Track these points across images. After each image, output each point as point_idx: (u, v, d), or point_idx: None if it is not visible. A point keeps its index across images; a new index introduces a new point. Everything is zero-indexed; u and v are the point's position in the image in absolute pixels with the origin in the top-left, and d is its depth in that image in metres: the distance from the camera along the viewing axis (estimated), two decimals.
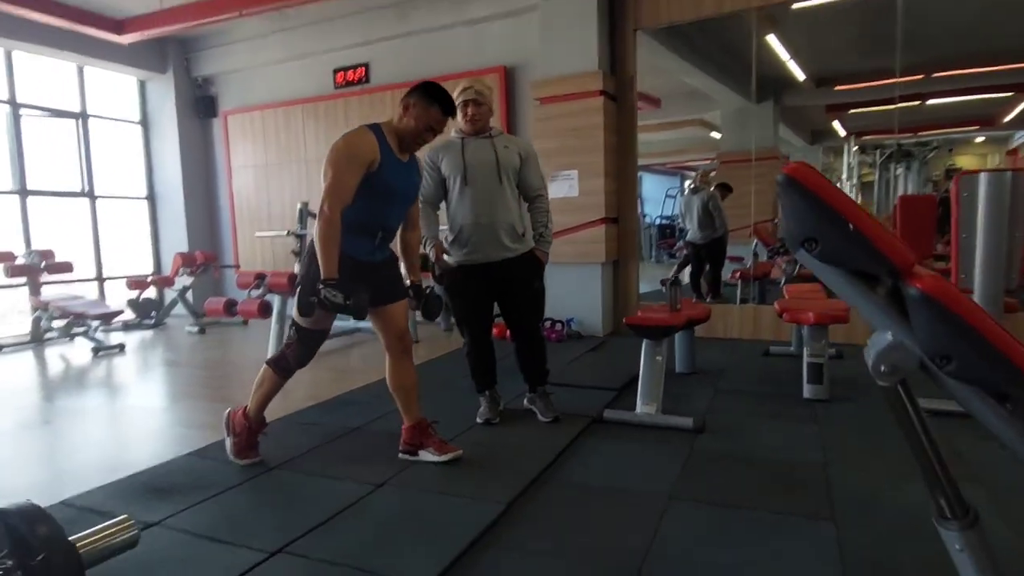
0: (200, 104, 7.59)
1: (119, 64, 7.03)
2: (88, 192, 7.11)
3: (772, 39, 5.92)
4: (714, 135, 7.78)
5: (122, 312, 6.01)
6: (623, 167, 5.44)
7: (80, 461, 2.90)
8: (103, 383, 4.47)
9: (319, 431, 3.05)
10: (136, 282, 6.77)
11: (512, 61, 5.77)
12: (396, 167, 2.42)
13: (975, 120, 6.97)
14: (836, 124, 7.29)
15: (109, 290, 7.20)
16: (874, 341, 1.01)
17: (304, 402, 3.53)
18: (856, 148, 6.94)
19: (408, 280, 2.69)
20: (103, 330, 6.15)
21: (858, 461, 2.52)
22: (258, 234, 6.47)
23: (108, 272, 7.26)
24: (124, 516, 1.50)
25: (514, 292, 2.98)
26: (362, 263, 2.42)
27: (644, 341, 3.05)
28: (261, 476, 2.51)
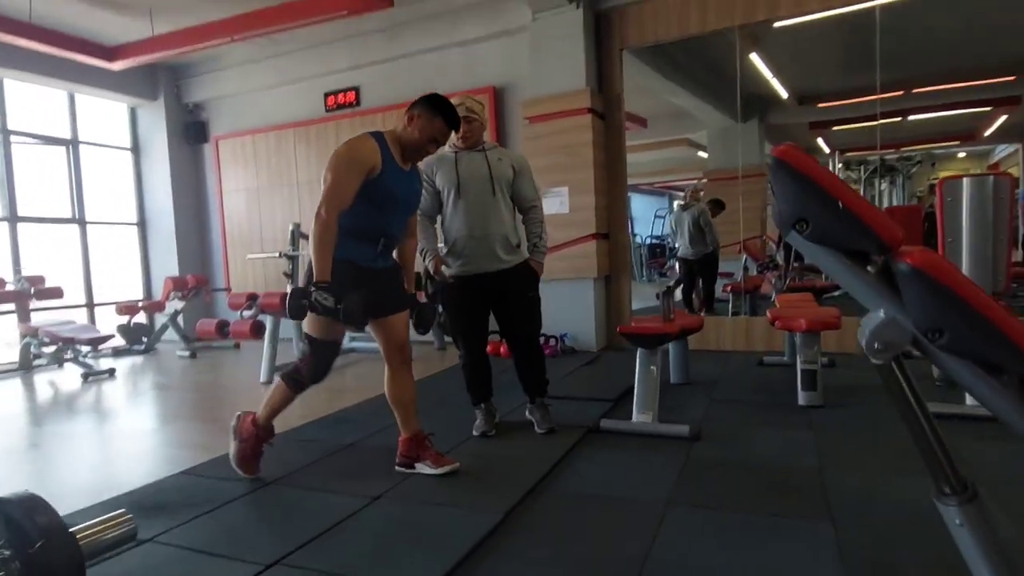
0: (191, 130, 7.63)
1: (110, 91, 7.07)
2: (78, 218, 7.09)
3: (755, 58, 6.05)
4: (701, 154, 7.89)
5: (112, 336, 5.95)
6: (613, 183, 5.50)
7: (68, 483, 2.85)
8: (93, 407, 4.41)
9: (315, 447, 3.02)
10: (126, 307, 6.72)
11: (502, 81, 5.86)
12: (397, 175, 2.42)
13: (956, 135, 7.11)
14: (820, 141, 7.42)
15: (99, 316, 7.15)
16: (867, 320, 1.02)
17: (299, 420, 3.49)
18: (841, 164, 7.05)
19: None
20: (93, 356, 6.08)
21: (854, 464, 2.52)
22: (250, 256, 6.47)
23: (98, 298, 7.21)
24: (123, 510, 1.47)
25: (509, 303, 2.99)
26: (364, 269, 2.41)
27: (638, 351, 3.05)
28: (256, 491, 2.48)
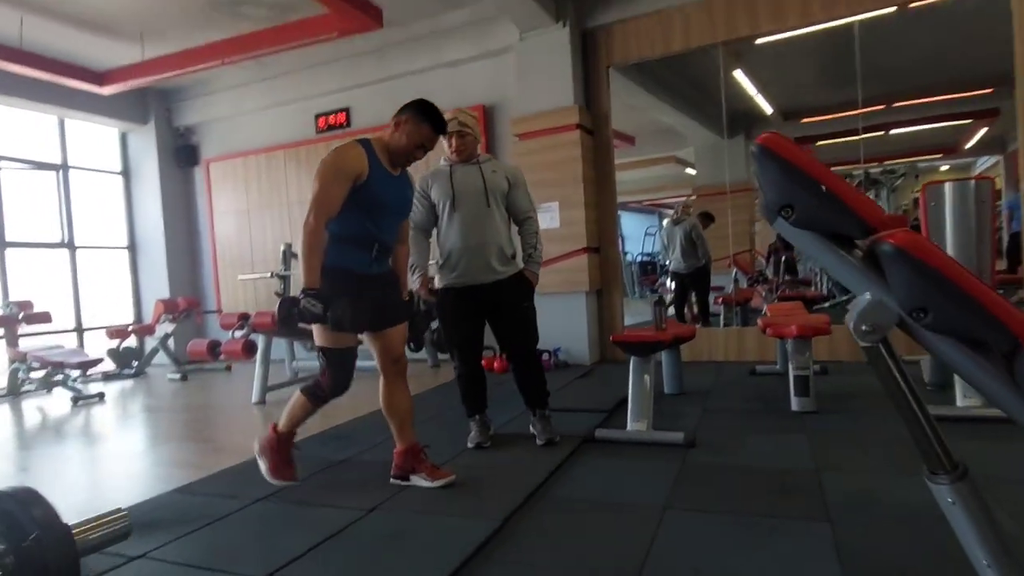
0: (182, 153, 7.66)
1: (100, 116, 7.10)
2: (68, 243, 7.07)
3: (739, 75, 6.17)
4: (689, 171, 7.98)
5: (102, 360, 5.89)
6: (602, 198, 5.56)
7: (58, 505, 2.78)
8: (82, 431, 4.36)
9: (308, 463, 2.98)
10: (116, 331, 6.67)
11: (491, 100, 5.93)
12: (386, 180, 2.42)
13: (939, 148, 7.24)
14: None
15: (89, 341, 7.09)
16: (854, 304, 1.04)
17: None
18: None
19: None
20: (82, 381, 6.02)
21: (849, 465, 2.53)
22: (241, 277, 6.46)
23: (88, 323, 7.16)
24: (118, 507, 1.46)
25: (504, 314, 2.99)
26: (359, 275, 2.41)
27: (632, 360, 3.06)
28: (249, 507, 2.45)
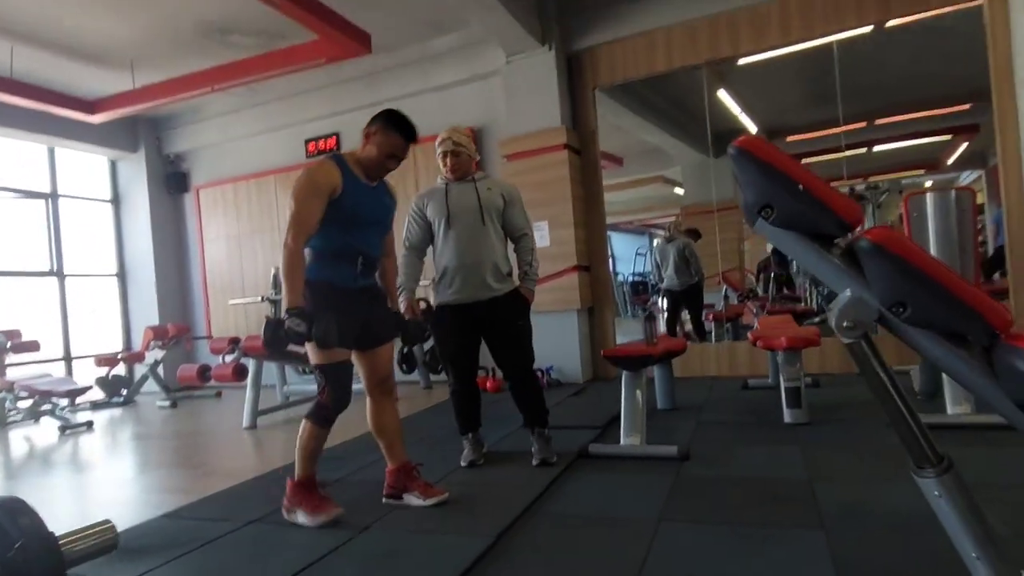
0: (172, 180, 7.67)
1: (90, 144, 7.12)
2: (57, 271, 7.03)
3: (723, 94, 6.28)
4: (677, 191, 8.07)
5: (90, 388, 5.83)
6: (591, 216, 5.61)
7: None
8: (70, 459, 4.29)
9: None
10: (105, 359, 6.61)
11: (479, 122, 6.00)
12: (362, 193, 2.41)
13: (921, 164, 7.35)
14: None
15: (77, 369, 7.01)
16: (835, 302, 1.06)
17: (281, 460, 3.43)
18: None
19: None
20: (70, 410, 5.94)
21: (842, 474, 2.53)
22: (231, 302, 6.44)
23: (77, 351, 7.09)
24: (105, 519, 1.43)
25: (499, 331, 2.98)
26: (345, 289, 2.40)
27: (623, 374, 3.07)
28: (241, 529, 2.42)
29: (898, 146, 6.86)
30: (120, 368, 6.78)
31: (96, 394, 6.44)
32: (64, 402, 5.54)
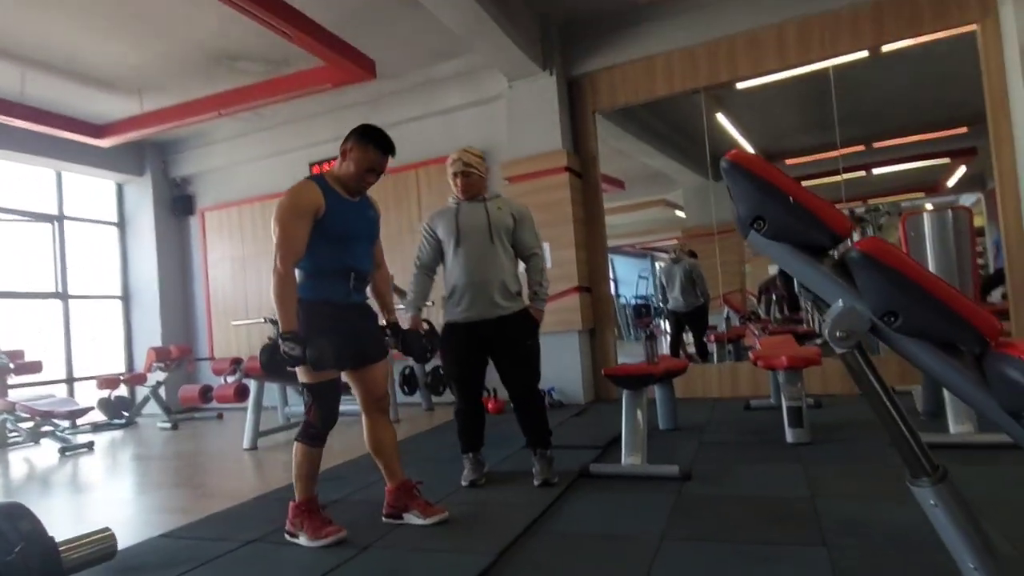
0: (177, 203, 7.76)
1: (98, 168, 7.21)
2: (61, 293, 7.08)
3: (722, 118, 6.37)
4: (679, 214, 8.12)
5: (92, 409, 5.83)
6: (592, 238, 5.65)
7: None
8: (70, 480, 4.28)
9: None
10: (107, 381, 6.61)
11: (482, 145, 6.01)
12: (346, 209, 2.42)
13: (920, 187, 7.40)
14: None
15: (80, 391, 7.01)
16: (828, 312, 1.08)
17: (282, 480, 3.42)
18: None
19: (384, 320, 2.68)
20: (71, 431, 5.94)
21: (845, 493, 2.52)
22: (234, 323, 6.46)
23: (80, 372, 7.10)
24: (105, 527, 1.44)
25: (507, 350, 2.97)
26: (339, 305, 2.41)
27: (624, 393, 3.07)
28: (239, 549, 2.41)
29: (897, 169, 6.92)
30: (122, 390, 6.77)
31: (97, 416, 6.43)
32: (65, 423, 5.53)
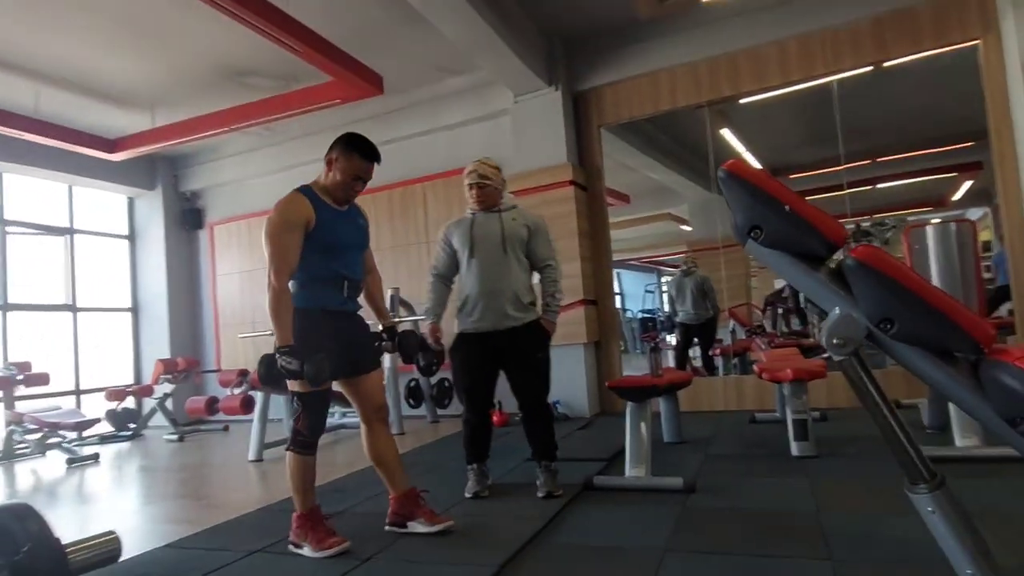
0: (187, 217, 7.85)
1: (109, 182, 7.31)
2: (71, 305, 7.14)
3: (727, 133, 6.40)
4: (685, 228, 8.14)
5: (99, 420, 5.86)
6: (597, 251, 5.67)
7: None
8: (76, 491, 4.30)
9: None
10: (115, 393, 6.65)
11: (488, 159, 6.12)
12: (336, 219, 2.44)
13: (926, 202, 7.39)
14: None
15: (87, 403, 7.05)
16: (826, 320, 1.09)
17: (287, 492, 3.39)
18: None
19: (380, 325, 2.69)
20: (78, 443, 5.96)
21: (850, 506, 2.51)
22: (241, 335, 6.50)
23: (89, 384, 7.14)
24: (110, 530, 1.45)
25: (517, 362, 2.98)
26: (334, 312, 2.44)
27: (628, 405, 3.07)
28: (242, 559, 2.42)
29: (903, 183, 6.92)
30: (129, 402, 6.81)
31: (104, 427, 6.46)
32: (72, 435, 5.56)
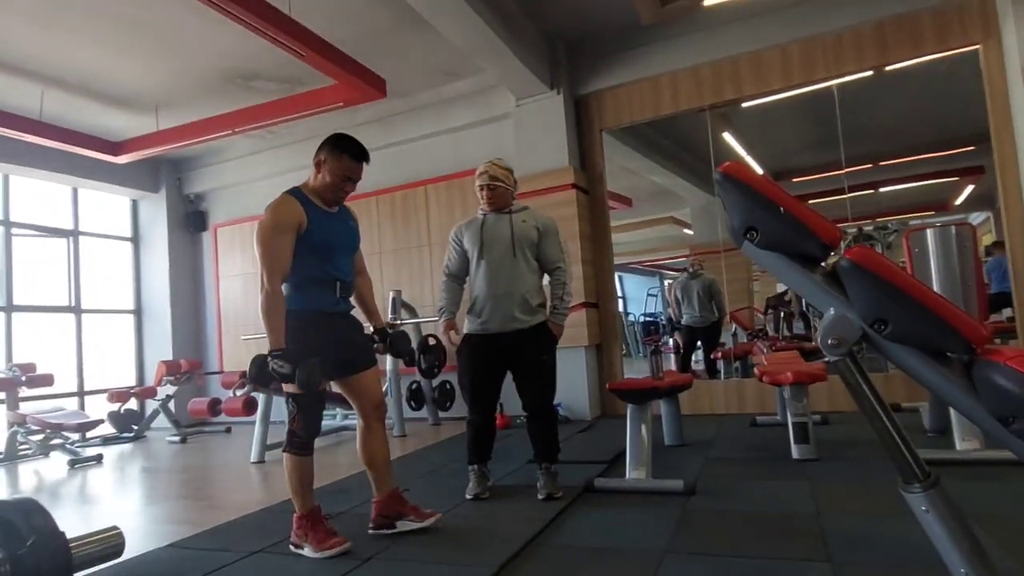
0: (191, 219, 7.88)
1: (113, 185, 7.35)
2: (74, 307, 7.18)
3: (728, 136, 6.41)
4: (687, 232, 8.14)
5: (102, 421, 5.88)
6: (599, 254, 5.69)
7: None
8: (78, 492, 4.31)
9: None
10: (118, 394, 6.67)
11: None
12: (327, 221, 2.44)
13: (929, 206, 7.38)
14: None
15: (90, 404, 7.07)
16: (821, 321, 1.10)
17: (288, 493, 3.41)
18: None
19: (371, 327, 2.71)
20: (80, 444, 5.99)
21: (850, 508, 2.51)
22: (243, 337, 6.52)
23: (91, 385, 7.17)
24: (113, 525, 1.47)
25: (524, 364, 2.99)
26: (328, 312, 2.45)
27: (629, 408, 3.08)
28: (243, 559, 2.43)
29: (905, 187, 6.92)
30: (132, 403, 6.83)
31: (107, 429, 6.48)
32: (75, 436, 5.58)
